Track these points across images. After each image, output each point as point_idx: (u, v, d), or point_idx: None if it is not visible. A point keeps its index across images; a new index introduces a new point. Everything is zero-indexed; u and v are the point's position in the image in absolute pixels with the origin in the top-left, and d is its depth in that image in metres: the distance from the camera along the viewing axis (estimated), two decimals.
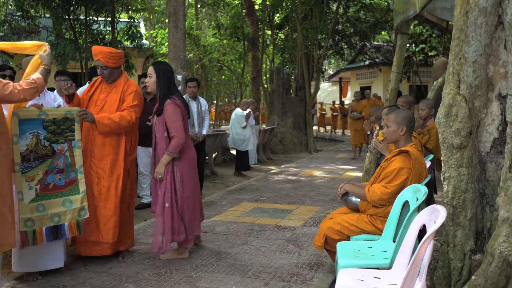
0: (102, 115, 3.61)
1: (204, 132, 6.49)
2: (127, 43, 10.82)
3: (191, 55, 18.60)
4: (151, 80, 3.77)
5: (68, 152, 3.47)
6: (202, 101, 6.62)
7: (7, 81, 2.90)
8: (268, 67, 18.97)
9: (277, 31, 17.24)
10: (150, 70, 3.78)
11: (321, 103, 23.53)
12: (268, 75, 17.01)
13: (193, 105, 6.44)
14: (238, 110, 8.65)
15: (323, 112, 22.77)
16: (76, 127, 3.53)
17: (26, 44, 3.32)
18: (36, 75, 3.09)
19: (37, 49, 3.28)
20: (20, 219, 3.15)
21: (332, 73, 26.79)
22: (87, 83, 5.57)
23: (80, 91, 5.43)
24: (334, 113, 21.60)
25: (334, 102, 22.64)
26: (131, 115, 3.67)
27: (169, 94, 3.73)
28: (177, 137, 3.65)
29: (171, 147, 3.65)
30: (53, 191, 3.36)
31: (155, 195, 3.83)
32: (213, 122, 23.86)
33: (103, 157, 3.68)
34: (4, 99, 2.84)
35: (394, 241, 2.84)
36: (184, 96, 6.20)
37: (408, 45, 10.11)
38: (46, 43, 3.31)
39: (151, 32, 21.41)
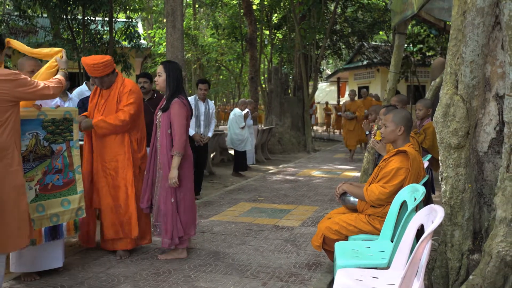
0: (98, 119, 3.79)
1: (210, 134, 6.55)
2: (125, 43, 10.81)
3: (189, 55, 18.62)
4: (160, 79, 3.82)
5: (67, 152, 3.48)
6: (211, 103, 6.68)
7: (35, 80, 3.09)
8: (266, 67, 18.98)
9: (275, 31, 17.26)
10: (160, 69, 3.84)
11: (326, 103, 23.35)
12: (266, 75, 17.02)
13: (202, 107, 6.48)
14: (236, 110, 8.64)
15: (328, 112, 22.60)
16: (74, 127, 3.55)
17: (44, 50, 3.57)
18: (59, 76, 3.31)
19: (54, 55, 3.51)
20: None
21: (330, 73, 26.81)
22: (84, 83, 5.57)
23: (77, 91, 5.44)
24: (338, 113, 21.41)
25: (338, 101, 22.55)
26: (125, 115, 3.80)
27: (177, 93, 3.80)
28: (178, 136, 3.70)
29: (176, 147, 3.69)
30: (51, 191, 3.36)
31: (144, 191, 3.87)
32: None
33: (112, 159, 3.84)
34: (36, 95, 3.01)
35: (392, 241, 2.85)
36: (193, 97, 6.26)
37: (405, 45, 10.09)
38: (64, 50, 3.56)
39: (149, 32, 21.40)
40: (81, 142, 3.95)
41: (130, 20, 11.15)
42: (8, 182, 2.81)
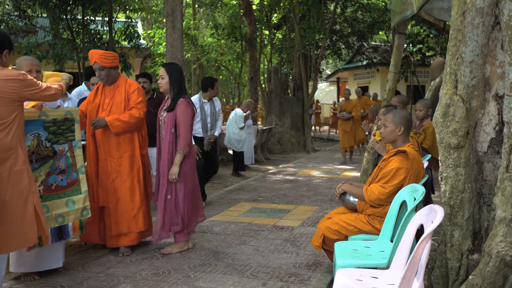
0: (112, 118, 3.80)
1: (216, 133, 6.08)
2: (125, 43, 10.80)
3: (189, 55, 18.61)
4: (163, 81, 3.91)
5: (69, 152, 3.49)
6: (216, 101, 6.11)
7: (39, 81, 3.13)
8: (266, 67, 18.98)
9: (275, 31, 17.26)
10: (162, 71, 3.92)
11: (334, 103, 23.17)
12: (266, 75, 17.01)
13: (207, 108, 5.93)
14: (238, 110, 8.64)
15: (335, 112, 22.44)
16: (76, 127, 3.55)
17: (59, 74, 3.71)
18: (61, 82, 3.38)
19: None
20: None
21: (329, 73, 26.80)
22: (83, 83, 5.56)
23: (76, 91, 5.44)
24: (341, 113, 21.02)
25: (339, 101, 22.40)
26: (139, 112, 3.89)
27: (181, 93, 3.89)
28: (184, 134, 3.80)
29: (180, 145, 3.79)
30: (56, 192, 3.37)
31: (158, 189, 3.98)
32: None
33: (121, 155, 3.89)
34: (40, 95, 3.04)
35: (392, 241, 2.85)
36: (197, 98, 5.86)
37: (405, 45, 10.07)
38: (71, 77, 3.70)
39: (149, 32, 21.38)
40: (83, 142, 3.95)
41: (129, 20, 11.14)
42: (11, 183, 2.82)
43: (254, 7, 15.65)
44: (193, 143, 5.50)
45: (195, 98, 5.83)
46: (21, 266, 3.35)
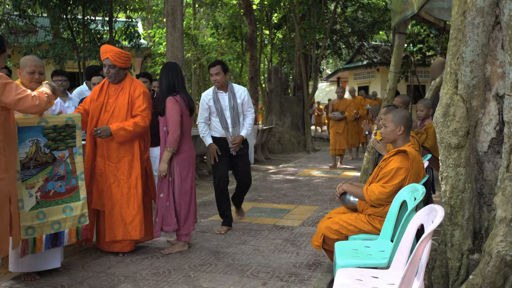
0: (117, 128, 3.69)
1: (243, 133, 4.66)
2: (125, 43, 10.80)
3: (189, 54, 18.60)
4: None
5: (69, 159, 3.46)
6: (237, 89, 4.67)
7: (23, 87, 2.91)
8: (266, 67, 18.97)
9: (275, 30, 17.25)
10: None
11: None
12: (266, 75, 17.01)
13: (224, 99, 4.61)
14: None
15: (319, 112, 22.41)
16: (77, 133, 3.52)
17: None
18: (47, 90, 3.11)
19: None
20: (21, 227, 3.12)
21: (330, 73, 26.80)
22: (84, 83, 5.56)
23: (77, 91, 5.43)
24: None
25: None
26: (145, 120, 3.80)
27: (168, 94, 3.87)
28: (171, 131, 3.81)
29: (168, 143, 3.81)
30: (53, 198, 3.34)
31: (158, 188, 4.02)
32: None
33: (120, 160, 3.80)
34: (22, 105, 2.83)
35: (392, 241, 2.85)
36: (210, 90, 4.73)
37: (405, 45, 10.06)
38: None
39: (149, 31, 21.38)
40: (83, 142, 3.93)
41: (130, 19, 11.14)
42: None
43: (254, 6, 15.64)
44: (211, 142, 4.59)
45: (208, 90, 4.76)
46: (19, 266, 3.34)
